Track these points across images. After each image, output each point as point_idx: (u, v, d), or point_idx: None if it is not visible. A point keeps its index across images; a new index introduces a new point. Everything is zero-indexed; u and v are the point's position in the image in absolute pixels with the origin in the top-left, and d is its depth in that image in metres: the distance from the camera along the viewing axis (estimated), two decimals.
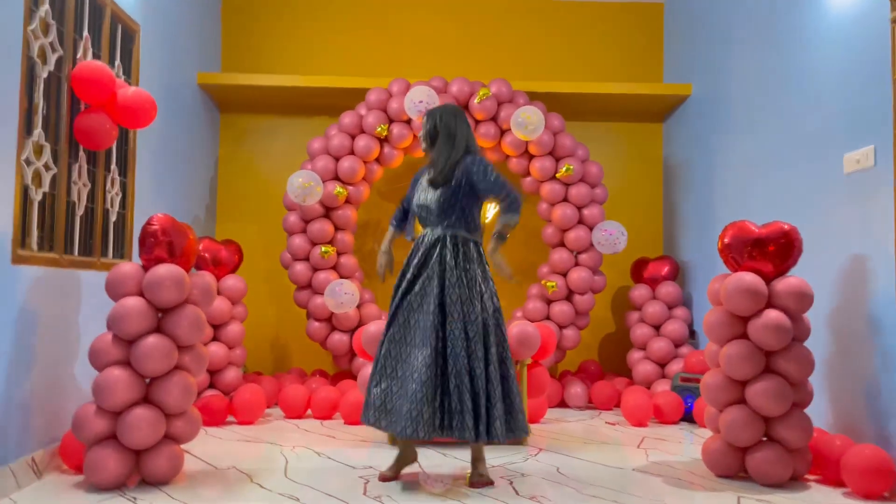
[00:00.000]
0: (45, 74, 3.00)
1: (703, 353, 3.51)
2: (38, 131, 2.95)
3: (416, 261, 3.05)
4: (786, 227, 3.13)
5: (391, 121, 5.03)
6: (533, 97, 5.28)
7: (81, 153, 3.31)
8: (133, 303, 2.85)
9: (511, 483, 3.01)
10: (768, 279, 3.13)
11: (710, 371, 3.24)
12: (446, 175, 3.04)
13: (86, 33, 3.35)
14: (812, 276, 3.36)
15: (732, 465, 3.13)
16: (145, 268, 2.98)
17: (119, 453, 2.78)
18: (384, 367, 3.00)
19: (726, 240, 3.22)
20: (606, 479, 3.11)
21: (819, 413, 3.37)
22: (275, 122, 5.85)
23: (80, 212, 3.32)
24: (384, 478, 3.02)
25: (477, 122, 5.07)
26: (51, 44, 3.05)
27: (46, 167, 3.03)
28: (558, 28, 5.94)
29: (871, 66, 3.10)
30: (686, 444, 3.85)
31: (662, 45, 6.00)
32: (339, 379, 5.20)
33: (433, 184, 3.08)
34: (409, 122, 5.00)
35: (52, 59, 3.06)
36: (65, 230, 3.19)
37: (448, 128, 3.10)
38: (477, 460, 3.04)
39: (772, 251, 3.11)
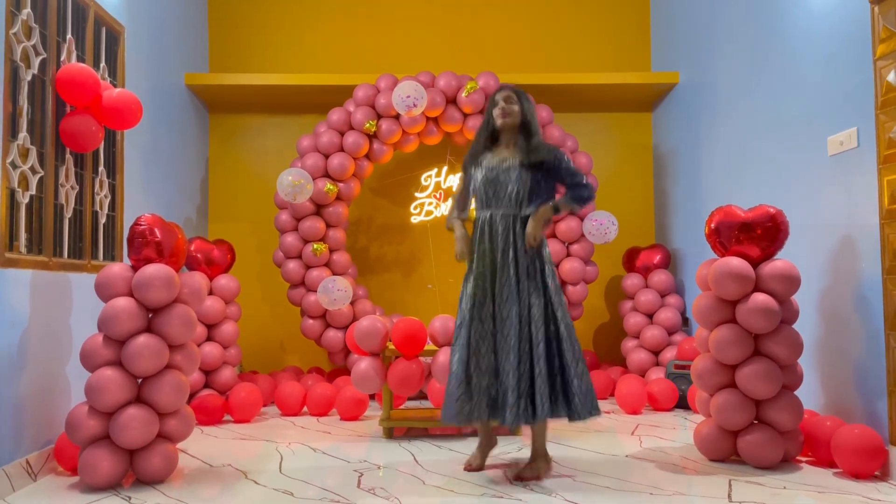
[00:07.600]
0: (28, 77, 3.00)
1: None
2: (23, 134, 2.95)
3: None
4: (772, 210, 3.14)
5: (379, 116, 5.03)
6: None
7: (68, 156, 3.31)
8: (123, 303, 2.86)
9: (505, 471, 3.03)
10: (755, 263, 3.14)
11: (700, 356, 3.26)
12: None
13: (69, 35, 3.35)
14: (799, 258, 3.38)
15: (725, 449, 3.15)
16: (134, 268, 2.99)
17: (113, 453, 2.79)
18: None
19: (713, 225, 3.24)
20: (600, 466, 3.13)
21: (809, 395, 3.39)
22: (264, 121, 5.85)
23: (68, 214, 3.32)
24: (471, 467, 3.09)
25: (465, 115, 5.08)
26: (34, 46, 3.05)
27: (33, 170, 3.03)
28: (545, 20, 5.95)
29: (853, 49, 3.11)
30: (680, 430, 3.87)
31: (649, 33, 6.00)
32: (336, 376, 5.21)
33: (529, 166, 3.01)
34: (397, 117, 5.00)
35: (36, 62, 3.06)
36: (53, 233, 3.19)
37: (533, 114, 3.10)
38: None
39: (758, 235, 3.12)
